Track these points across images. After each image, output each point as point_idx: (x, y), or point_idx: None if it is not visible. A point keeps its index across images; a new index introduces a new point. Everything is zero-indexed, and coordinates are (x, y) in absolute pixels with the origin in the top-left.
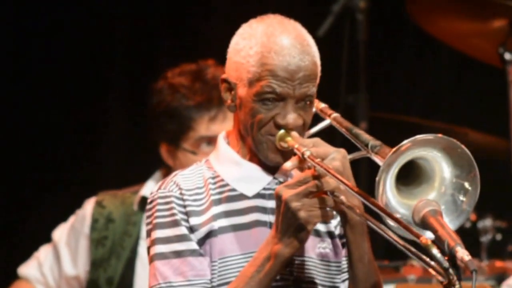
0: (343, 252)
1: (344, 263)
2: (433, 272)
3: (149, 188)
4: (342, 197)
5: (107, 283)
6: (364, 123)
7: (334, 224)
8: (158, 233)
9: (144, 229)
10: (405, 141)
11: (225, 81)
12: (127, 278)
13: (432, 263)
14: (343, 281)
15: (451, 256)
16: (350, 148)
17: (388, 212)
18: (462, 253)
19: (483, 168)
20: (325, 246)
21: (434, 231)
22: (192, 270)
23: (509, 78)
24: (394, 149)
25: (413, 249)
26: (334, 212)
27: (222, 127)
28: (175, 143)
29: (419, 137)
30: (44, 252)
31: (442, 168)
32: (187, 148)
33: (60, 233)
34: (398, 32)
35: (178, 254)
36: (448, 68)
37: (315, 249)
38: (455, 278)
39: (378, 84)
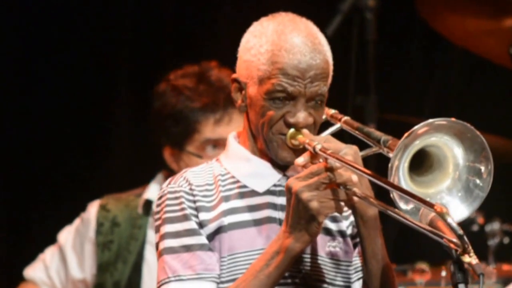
0: (355, 252)
1: (358, 262)
2: (447, 243)
3: (152, 191)
4: (355, 189)
5: (114, 287)
6: (373, 125)
7: (346, 224)
8: (167, 228)
9: (150, 233)
10: (419, 125)
11: (235, 80)
12: (134, 282)
13: (445, 235)
14: (357, 279)
15: (458, 260)
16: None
17: (403, 189)
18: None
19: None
20: (335, 245)
21: (461, 231)
22: (201, 264)
23: None
24: (407, 133)
25: (427, 227)
26: (349, 212)
27: (228, 129)
28: (180, 146)
29: (433, 120)
30: (50, 255)
31: (454, 153)
32: (192, 151)
33: (66, 236)
34: (407, 32)
35: (187, 248)
36: (458, 69)
37: (325, 247)
38: (470, 246)
39: (387, 85)
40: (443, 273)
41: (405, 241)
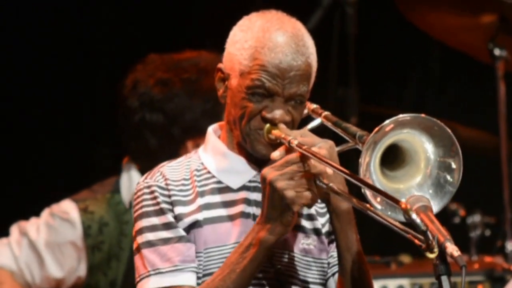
0: (332, 247)
1: (334, 257)
2: (411, 239)
3: (137, 181)
4: (330, 182)
5: (110, 286)
6: (354, 117)
7: (322, 221)
8: (144, 222)
9: None
10: (386, 121)
11: (220, 70)
12: (131, 277)
13: (410, 231)
14: (332, 274)
15: (441, 252)
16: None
17: (371, 185)
18: (452, 249)
19: (473, 163)
20: (310, 243)
21: (425, 227)
22: (179, 255)
23: (499, 74)
24: (376, 128)
25: (393, 221)
26: (325, 209)
27: None
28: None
29: (399, 116)
30: (16, 244)
31: (425, 148)
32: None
33: (36, 230)
34: (387, 26)
35: (165, 241)
36: (438, 63)
37: (298, 244)
38: (433, 242)
39: (368, 78)
40: None
41: (389, 233)
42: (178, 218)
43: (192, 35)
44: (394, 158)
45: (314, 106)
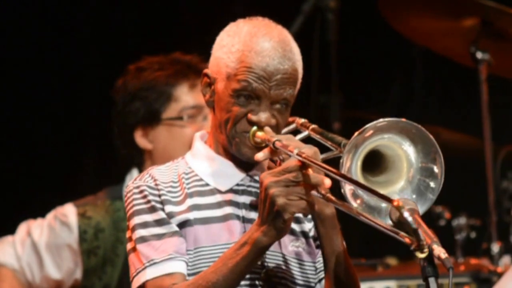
0: (319, 253)
1: (320, 262)
2: (402, 239)
3: None
4: (328, 194)
5: None
6: (338, 123)
7: (309, 227)
8: (136, 220)
9: None
10: (366, 126)
11: (206, 75)
12: (124, 283)
13: (400, 231)
14: (319, 280)
15: (428, 254)
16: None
17: (363, 185)
18: (439, 251)
19: (457, 167)
20: (298, 245)
21: (416, 225)
22: (173, 247)
23: (481, 77)
24: (355, 134)
25: (383, 224)
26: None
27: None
28: (155, 118)
29: (380, 121)
30: (20, 243)
31: (408, 154)
32: (171, 117)
33: (39, 232)
34: (369, 31)
35: (159, 236)
36: (420, 67)
37: (288, 246)
38: (424, 241)
39: (350, 84)
40: None
41: (375, 236)
42: (169, 215)
43: (180, 37)
44: (376, 164)
45: (302, 120)
